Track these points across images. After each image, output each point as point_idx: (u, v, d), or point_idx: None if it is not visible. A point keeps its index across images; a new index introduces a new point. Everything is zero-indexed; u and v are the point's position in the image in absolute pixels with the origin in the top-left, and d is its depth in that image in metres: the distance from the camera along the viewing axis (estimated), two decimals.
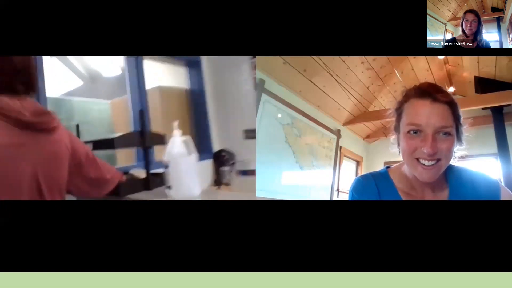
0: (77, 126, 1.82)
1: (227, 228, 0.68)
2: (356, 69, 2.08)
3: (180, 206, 0.71)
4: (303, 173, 2.15)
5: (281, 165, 1.98)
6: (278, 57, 1.70)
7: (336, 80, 2.04)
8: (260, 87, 1.78)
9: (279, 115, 1.94)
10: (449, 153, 0.62)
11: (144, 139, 1.31)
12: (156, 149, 1.85)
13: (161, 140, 1.38)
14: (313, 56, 1.76)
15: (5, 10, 0.77)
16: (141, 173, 1.36)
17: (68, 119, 2.05)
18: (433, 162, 0.62)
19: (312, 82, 2.00)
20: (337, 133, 2.54)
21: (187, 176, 1.10)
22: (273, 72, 1.81)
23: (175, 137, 1.12)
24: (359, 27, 0.80)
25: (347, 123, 2.62)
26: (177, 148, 1.11)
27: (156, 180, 1.29)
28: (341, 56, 1.85)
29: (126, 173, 1.32)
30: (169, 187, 1.10)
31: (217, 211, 0.69)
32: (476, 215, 0.66)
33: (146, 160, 1.34)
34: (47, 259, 0.65)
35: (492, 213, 0.65)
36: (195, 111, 2.40)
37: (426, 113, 0.61)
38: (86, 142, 1.33)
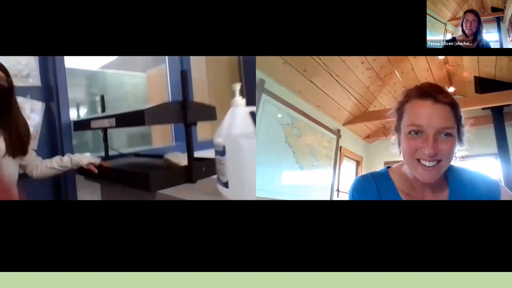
0: (102, 97, 1.65)
1: (227, 228, 0.67)
2: (356, 69, 2.07)
3: (179, 206, 0.71)
4: (303, 173, 2.15)
5: (281, 165, 1.98)
6: (278, 57, 1.70)
7: (336, 80, 2.04)
8: (260, 87, 1.78)
9: (279, 115, 1.94)
10: (450, 154, 0.62)
11: (186, 110, 0.93)
12: (201, 126, 1.41)
13: (210, 113, 1.03)
14: (313, 56, 1.75)
15: (5, 10, 0.77)
16: (180, 159, 1.05)
17: (98, 94, 1.89)
18: (433, 163, 0.62)
19: (312, 82, 2.00)
20: (337, 133, 2.54)
21: (255, 168, 0.72)
22: (273, 72, 1.81)
23: (237, 107, 0.76)
24: (359, 27, 0.80)
25: (347, 123, 2.61)
26: (240, 124, 0.73)
27: (202, 168, 0.99)
28: (341, 56, 1.85)
29: (160, 157, 1.05)
30: (225, 184, 0.76)
31: (217, 211, 0.69)
32: (476, 215, 0.66)
33: (188, 140, 0.97)
34: (47, 259, 0.65)
35: (492, 213, 0.65)
36: (249, 83, 1.91)
37: (428, 114, 0.61)
38: (108, 117, 1.09)
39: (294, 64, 1.82)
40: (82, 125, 1.55)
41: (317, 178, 2.30)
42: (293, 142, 2.05)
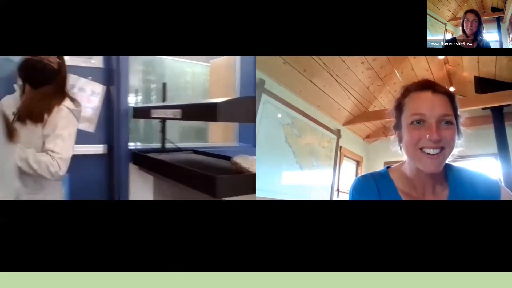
0: (164, 85, 1.58)
1: (228, 228, 0.67)
2: (356, 69, 2.07)
3: (180, 206, 0.71)
4: (303, 173, 2.15)
5: (281, 165, 1.98)
6: (278, 57, 1.70)
7: (336, 80, 2.04)
8: (260, 87, 1.77)
9: (279, 115, 1.94)
10: (452, 141, 0.64)
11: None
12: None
13: None
14: (313, 56, 1.75)
15: (5, 10, 0.77)
16: (252, 164, 0.92)
17: (156, 81, 1.81)
18: (437, 151, 0.63)
19: (312, 82, 2.00)
20: (337, 133, 2.54)
21: None
22: (273, 72, 1.81)
23: None
24: (359, 27, 0.80)
25: (347, 123, 2.62)
26: None
27: None
28: (341, 56, 1.85)
29: (224, 157, 0.93)
30: None
31: (218, 211, 0.69)
32: (476, 215, 0.66)
33: None
34: (47, 259, 0.65)
35: (492, 213, 0.66)
36: None
37: (429, 103, 0.64)
38: (173, 107, 0.99)
39: (294, 64, 1.82)
40: (141, 112, 1.47)
41: (317, 178, 2.30)
42: (293, 142, 2.05)
